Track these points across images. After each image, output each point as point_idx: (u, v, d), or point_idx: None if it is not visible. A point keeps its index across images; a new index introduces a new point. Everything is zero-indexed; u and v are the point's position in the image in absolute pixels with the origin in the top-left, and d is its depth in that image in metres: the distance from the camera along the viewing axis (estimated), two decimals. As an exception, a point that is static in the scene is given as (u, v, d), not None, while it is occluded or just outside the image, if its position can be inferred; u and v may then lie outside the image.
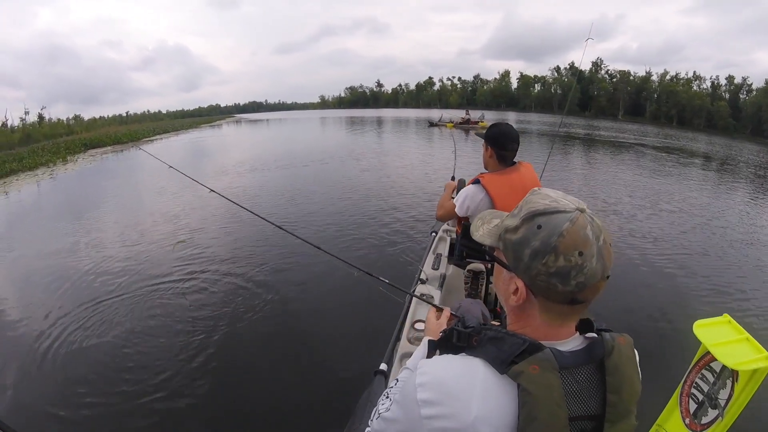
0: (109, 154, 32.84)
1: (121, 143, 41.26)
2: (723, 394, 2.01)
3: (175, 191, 13.78)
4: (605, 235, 0.96)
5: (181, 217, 10.68)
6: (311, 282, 6.49)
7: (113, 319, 5.74)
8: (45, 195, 17.79)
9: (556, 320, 1.02)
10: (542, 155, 21.60)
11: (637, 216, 10.71)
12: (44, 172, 23.48)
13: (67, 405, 4.14)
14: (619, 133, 39.62)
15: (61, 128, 63.73)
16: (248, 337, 5.20)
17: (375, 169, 16.98)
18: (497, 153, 3.17)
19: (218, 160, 23.98)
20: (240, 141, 41.08)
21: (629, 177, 15.83)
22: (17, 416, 4.04)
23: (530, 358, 0.93)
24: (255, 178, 15.82)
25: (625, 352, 1.03)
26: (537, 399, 0.90)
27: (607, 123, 59.87)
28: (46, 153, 31.18)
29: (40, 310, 6.12)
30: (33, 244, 9.79)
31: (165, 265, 7.45)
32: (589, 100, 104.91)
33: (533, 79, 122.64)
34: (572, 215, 0.95)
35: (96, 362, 4.82)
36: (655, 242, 8.81)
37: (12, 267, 8.52)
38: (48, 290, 6.84)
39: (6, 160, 26.95)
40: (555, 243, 0.94)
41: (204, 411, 3.99)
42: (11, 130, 55.92)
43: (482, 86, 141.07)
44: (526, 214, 1.01)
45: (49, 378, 4.60)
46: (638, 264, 7.56)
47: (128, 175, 21.08)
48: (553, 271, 0.95)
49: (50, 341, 5.24)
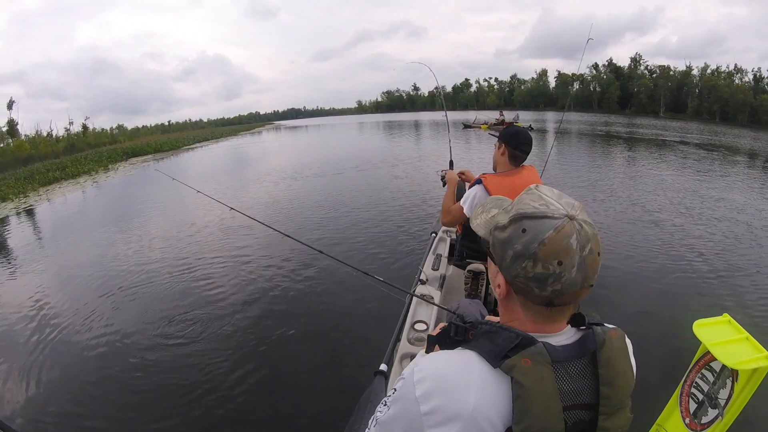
0: (149, 162, 33.62)
1: (162, 151, 42.27)
2: (723, 393, 1.99)
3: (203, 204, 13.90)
4: (594, 245, 0.96)
5: (198, 230, 10.78)
6: (312, 283, 6.53)
7: (119, 324, 5.91)
8: (84, 202, 18.66)
9: (538, 318, 1.04)
10: (582, 156, 21.67)
11: (648, 217, 10.55)
12: (86, 180, 24.39)
13: (67, 405, 4.28)
14: (662, 131, 38.40)
15: (105, 137, 65.76)
16: (248, 337, 5.24)
17: (408, 177, 16.65)
18: (510, 152, 3.21)
19: (254, 168, 24.35)
20: (278, 148, 41.59)
21: (666, 176, 15.33)
22: (23, 418, 4.16)
23: (523, 352, 0.95)
24: (286, 186, 15.85)
25: (617, 344, 1.03)
26: (529, 392, 0.91)
27: (648, 120, 58.27)
28: (89, 162, 32.29)
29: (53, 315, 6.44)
30: (64, 251, 10.38)
31: (166, 270, 7.70)
32: (629, 97, 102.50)
33: (571, 78, 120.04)
34: (558, 222, 0.95)
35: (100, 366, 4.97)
36: (657, 240, 8.78)
37: (44, 271, 8.99)
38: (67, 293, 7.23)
39: (50, 168, 28.10)
40: (535, 250, 0.95)
41: (204, 411, 4.02)
42: (56, 140, 57.62)
43: (519, 86, 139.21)
44: (515, 215, 1.01)
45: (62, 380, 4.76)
46: (638, 263, 7.53)
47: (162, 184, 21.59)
48: (531, 276, 0.96)
49: (53, 342, 5.47)
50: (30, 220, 15.15)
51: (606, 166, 18.52)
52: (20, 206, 17.57)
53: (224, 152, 39.45)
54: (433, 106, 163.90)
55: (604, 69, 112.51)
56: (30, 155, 44.04)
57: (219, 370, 4.62)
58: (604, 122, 51.97)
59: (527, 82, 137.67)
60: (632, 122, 53.48)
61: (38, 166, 31.99)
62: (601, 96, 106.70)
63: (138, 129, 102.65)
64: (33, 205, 17.67)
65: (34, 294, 7.52)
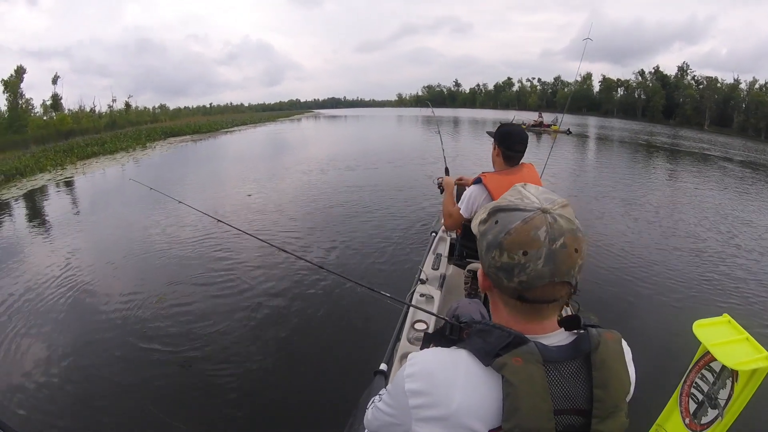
0: (187, 142, 34.14)
1: (200, 133, 42.79)
2: (723, 394, 1.98)
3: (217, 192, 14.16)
4: (569, 240, 0.96)
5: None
6: (311, 282, 6.47)
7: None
8: (117, 177, 19.07)
9: (518, 316, 1.05)
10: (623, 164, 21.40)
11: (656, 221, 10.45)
12: (122, 156, 25.04)
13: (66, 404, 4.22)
14: (705, 145, 37.40)
15: (147, 116, 67.09)
16: (246, 338, 5.18)
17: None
18: (503, 152, 3.25)
19: (287, 156, 24.42)
20: (315, 137, 41.55)
21: (699, 190, 14.94)
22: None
23: (514, 351, 0.96)
24: (315, 178, 15.57)
25: (612, 347, 1.03)
26: (519, 391, 0.92)
27: (692, 133, 56.91)
28: (127, 139, 32.91)
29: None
30: (86, 224, 10.80)
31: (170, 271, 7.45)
32: (674, 107, 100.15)
33: (616, 83, 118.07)
34: (528, 214, 0.98)
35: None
36: (657, 242, 8.88)
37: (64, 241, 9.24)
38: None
39: (89, 143, 28.84)
40: (501, 239, 0.99)
41: (201, 410, 3.99)
42: (98, 116, 58.85)
43: (562, 88, 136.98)
44: (492, 209, 1.06)
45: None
46: (638, 264, 7.49)
47: (196, 163, 22.23)
48: (499, 266, 1.00)
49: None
50: (62, 191, 15.56)
51: (639, 175, 18.14)
52: (56, 177, 18.11)
53: (261, 137, 39.90)
54: (473, 103, 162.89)
55: (650, 76, 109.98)
56: (72, 129, 45.28)
57: (216, 370, 4.57)
58: (648, 131, 50.76)
59: (571, 85, 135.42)
60: (676, 133, 52.18)
61: (78, 140, 32.78)
62: (646, 104, 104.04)
63: (180, 110, 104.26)
64: (68, 178, 18.16)
65: (50, 263, 7.75)
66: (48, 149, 26.77)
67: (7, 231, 10.25)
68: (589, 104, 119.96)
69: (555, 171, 17.17)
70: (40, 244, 9.29)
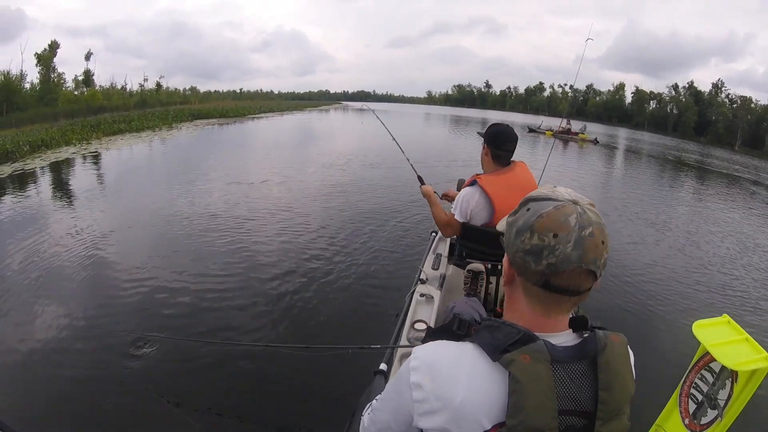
0: (213, 125, 34.39)
1: (227, 117, 43.05)
2: (722, 394, 1.99)
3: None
4: (595, 230, 0.98)
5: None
6: (313, 283, 6.38)
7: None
8: (140, 155, 19.47)
9: (538, 307, 1.05)
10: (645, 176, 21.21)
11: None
12: (148, 135, 25.47)
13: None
14: (735, 166, 36.62)
15: (177, 97, 67.88)
16: (246, 337, 5.10)
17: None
18: (492, 152, 3.27)
19: (309, 146, 24.18)
20: (341, 128, 41.49)
21: (720, 212, 14.45)
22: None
23: (523, 348, 0.96)
24: (336, 173, 15.20)
25: (618, 349, 1.03)
26: (526, 388, 0.92)
27: (722, 153, 56.00)
28: (154, 118, 33.33)
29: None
30: (102, 197, 10.97)
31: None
32: (706, 124, 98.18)
33: (649, 96, 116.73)
34: (559, 203, 1.00)
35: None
36: (657, 243, 9.13)
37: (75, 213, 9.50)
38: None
39: (117, 120, 29.28)
40: (533, 222, 1.00)
41: (197, 409, 3.92)
42: (129, 94, 59.60)
43: (594, 97, 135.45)
44: (524, 200, 1.08)
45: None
46: (638, 264, 7.66)
47: (217, 146, 22.40)
48: (528, 248, 0.99)
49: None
50: (82, 165, 15.91)
51: (659, 188, 18.16)
52: (80, 151, 18.45)
53: (287, 125, 40.22)
54: (503, 105, 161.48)
55: (683, 91, 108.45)
56: (102, 105, 45.75)
57: (216, 369, 4.46)
58: (678, 147, 50.02)
59: (603, 94, 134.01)
60: (705, 152, 51.44)
61: (107, 116, 33.25)
62: (678, 119, 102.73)
63: (210, 93, 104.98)
64: (91, 152, 18.50)
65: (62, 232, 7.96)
66: (76, 123, 27.21)
67: (19, 202, 10.39)
68: (621, 115, 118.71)
69: (574, 176, 17.13)
70: (50, 215, 9.44)
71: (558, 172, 17.53)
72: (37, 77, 49.05)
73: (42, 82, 48.44)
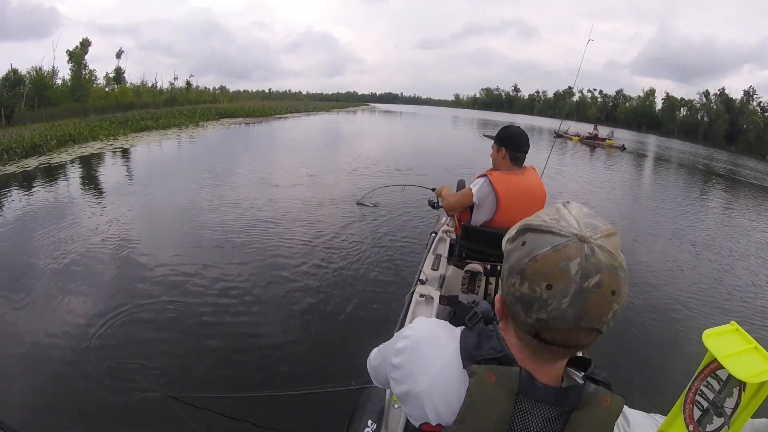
0: (239, 124, 34.81)
1: (254, 117, 43.54)
2: (729, 402, 1.89)
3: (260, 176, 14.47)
4: (604, 278, 0.81)
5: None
6: (310, 281, 6.42)
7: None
8: (161, 151, 19.86)
9: (526, 350, 0.93)
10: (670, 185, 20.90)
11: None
12: (174, 132, 25.97)
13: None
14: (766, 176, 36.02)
15: (207, 96, 68.91)
16: (245, 337, 5.09)
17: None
18: (511, 154, 3.27)
19: (335, 150, 23.81)
20: (370, 131, 41.57)
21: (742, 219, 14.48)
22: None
23: (493, 366, 0.90)
24: (359, 175, 15.07)
25: (601, 415, 0.91)
26: (476, 407, 0.89)
27: (753, 162, 54.78)
28: (181, 116, 34.00)
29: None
30: (121, 193, 11.15)
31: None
32: (737, 133, 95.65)
33: (680, 102, 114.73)
34: (562, 241, 0.83)
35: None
36: (664, 250, 9.17)
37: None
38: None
39: (144, 117, 29.87)
40: (524, 265, 0.85)
41: (194, 407, 3.90)
42: (159, 92, 60.51)
43: (624, 103, 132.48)
44: (521, 227, 0.92)
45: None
46: (647, 270, 7.71)
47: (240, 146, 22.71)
48: (518, 296, 0.87)
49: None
50: (106, 161, 16.35)
51: (682, 197, 17.88)
52: (105, 147, 19.01)
53: (314, 125, 40.48)
54: (531, 110, 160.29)
55: (714, 98, 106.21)
56: (131, 102, 46.70)
57: (216, 368, 4.50)
58: (707, 156, 49.09)
59: (633, 99, 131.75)
60: (736, 161, 50.43)
61: (135, 113, 33.92)
62: (708, 127, 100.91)
63: (239, 92, 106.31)
64: (117, 148, 18.99)
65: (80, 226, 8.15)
66: (104, 119, 27.91)
67: (38, 195, 10.66)
68: (650, 122, 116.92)
69: (595, 181, 16.93)
70: (65, 208, 9.67)
71: (582, 179, 17.44)
72: (69, 74, 50.03)
73: (73, 79, 49.31)
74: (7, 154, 15.01)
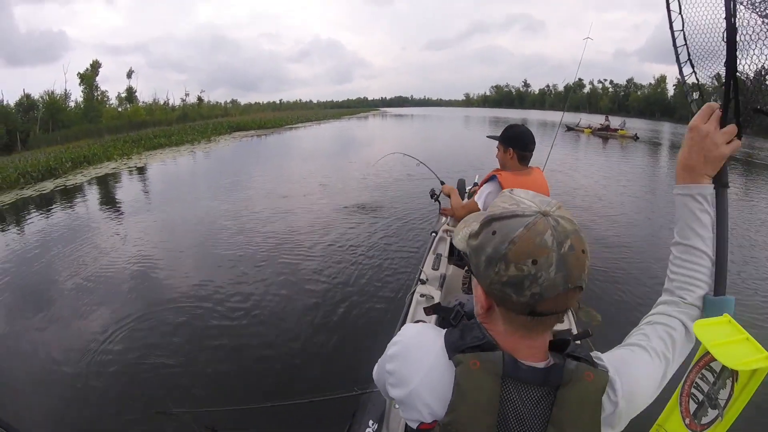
0: (251, 137, 34.93)
1: (265, 128, 43.72)
2: (723, 394, 1.85)
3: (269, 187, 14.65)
4: (574, 241, 0.88)
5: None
6: (310, 281, 6.50)
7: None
8: (174, 168, 20.09)
9: (520, 330, 0.96)
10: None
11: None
12: (186, 148, 26.18)
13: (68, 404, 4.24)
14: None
15: (218, 110, 69.56)
16: (245, 338, 5.18)
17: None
18: (519, 154, 3.24)
19: (343, 157, 23.69)
20: (381, 136, 41.20)
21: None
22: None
23: (477, 353, 0.94)
24: (370, 181, 14.99)
25: (586, 389, 0.94)
26: (464, 395, 0.91)
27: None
28: (194, 132, 34.32)
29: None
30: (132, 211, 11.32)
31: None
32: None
33: (692, 87, 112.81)
34: (529, 219, 0.89)
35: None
36: (654, 242, 8.97)
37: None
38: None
39: (157, 135, 30.24)
40: (505, 250, 0.89)
41: (207, 404, 3.96)
42: (171, 109, 61.10)
43: (635, 91, 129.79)
44: (484, 219, 0.97)
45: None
46: (637, 262, 7.60)
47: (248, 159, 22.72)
48: (506, 281, 0.89)
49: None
50: (120, 181, 16.59)
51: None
52: (120, 166, 19.33)
53: (324, 134, 40.69)
54: (542, 104, 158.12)
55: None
56: (144, 121, 47.34)
57: (216, 367, 4.63)
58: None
59: (644, 87, 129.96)
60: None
61: (148, 131, 34.45)
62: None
63: (250, 105, 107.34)
64: (130, 167, 19.22)
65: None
66: (118, 139, 28.31)
67: (55, 216, 10.92)
68: (663, 109, 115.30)
69: (612, 174, 16.83)
70: (81, 229, 9.89)
71: (597, 173, 17.34)
72: (81, 96, 50.95)
73: (85, 101, 50.23)
74: (24, 179, 15.36)
